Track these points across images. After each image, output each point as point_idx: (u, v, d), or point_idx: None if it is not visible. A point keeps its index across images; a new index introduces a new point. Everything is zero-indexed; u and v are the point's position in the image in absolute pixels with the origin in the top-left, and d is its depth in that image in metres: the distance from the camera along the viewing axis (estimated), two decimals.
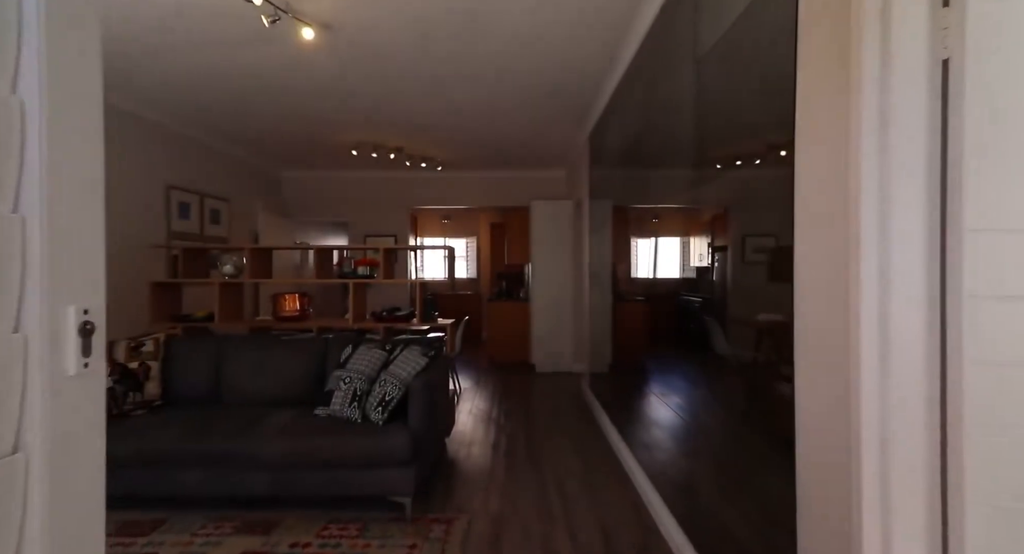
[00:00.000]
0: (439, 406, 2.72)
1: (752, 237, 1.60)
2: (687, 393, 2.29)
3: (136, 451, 2.24)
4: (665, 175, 2.57)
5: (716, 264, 1.93)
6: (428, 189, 6.31)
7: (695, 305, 2.16)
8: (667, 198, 2.66)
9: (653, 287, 2.83)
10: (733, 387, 1.77)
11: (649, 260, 2.99)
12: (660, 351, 2.74)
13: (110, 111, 3.49)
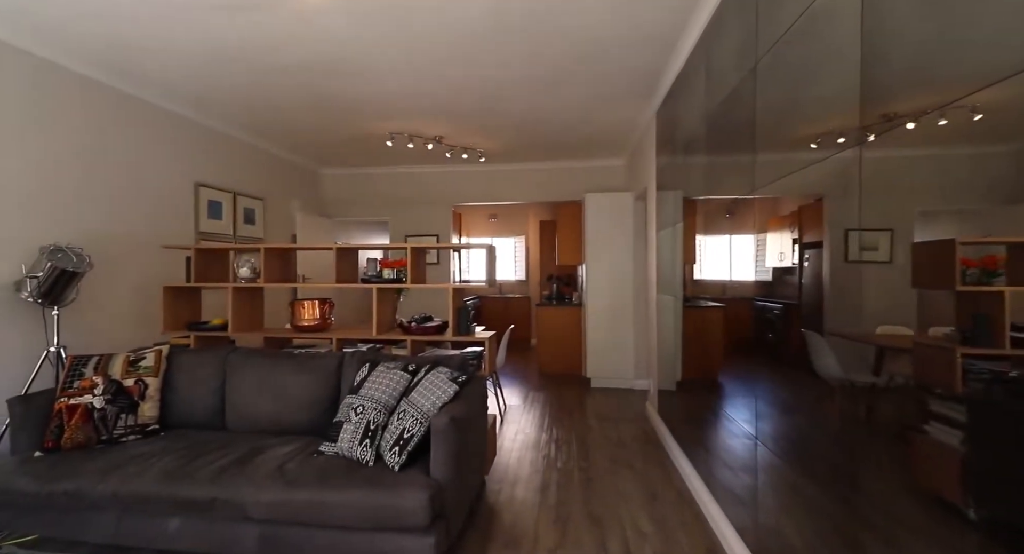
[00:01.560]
0: (471, 447, 2.17)
1: (858, 231, 1.28)
2: (780, 423, 1.77)
3: (113, 494, 1.87)
4: (743, 160, 2.00)
5: (805, 264, 1.62)
6: (471, 184, 5.82)
7: (773, 312, 1.85)
8: (743, 187, 2.05)
9: (723, 291, 2.42)
10: (849, 421, 1.37)
11: (720, 260, 2.46)
12: (738, 366, 2.25)
13: (133, 102, 3.27)
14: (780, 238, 1.83)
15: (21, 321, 2.57)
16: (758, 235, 2.05)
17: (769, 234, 1.92)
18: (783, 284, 1.79)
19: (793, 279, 1.69)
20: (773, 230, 1.89)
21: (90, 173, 2.97)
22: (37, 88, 2.69)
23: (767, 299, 1.92)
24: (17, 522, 1.95)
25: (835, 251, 1.39)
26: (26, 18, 2.39)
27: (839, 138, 1.32)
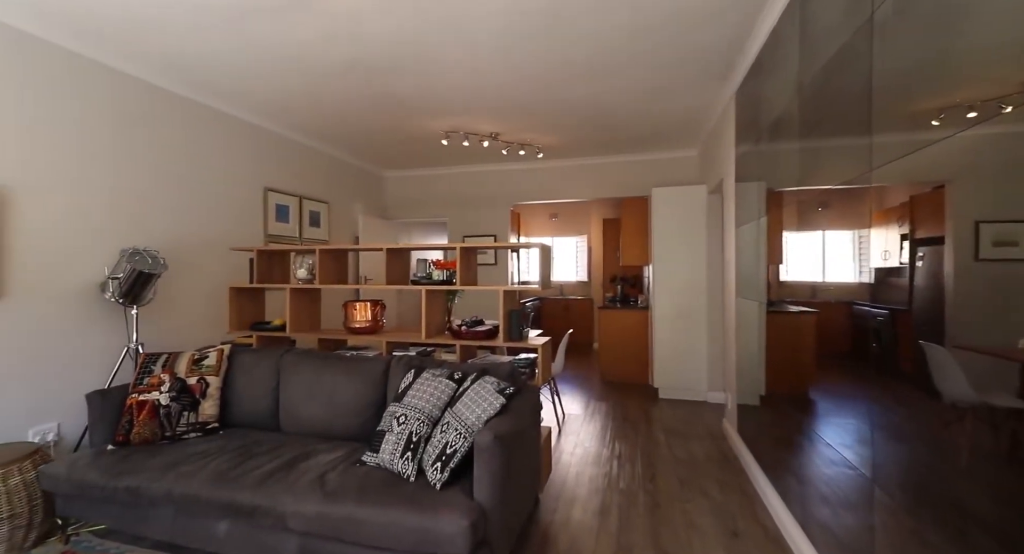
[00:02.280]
0: (521, 465, 1.98)
1: (993, 223, 1.09)
2: (891, 452, 1.44)
3: (168, 494, 1.90)
4: (847, 142, 1.68)
5: (919, 263, 1.41)
6: (529, 182, 5.63)
7: (877, 320, 1.61)
8: (845, 174, 1.72)
9: (814, 294, 2.11)
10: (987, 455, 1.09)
11: (811, 259, 2.13)
12: (833, 381, 1.91)
13: (207, 113, 3.45)
14: (885, 234, 1.57)
15: (105, 320, 2.76)
16: (858, 231, 1.77)
17: (872, 229, 1.64)
18: (889, 287, 1.58)
19: (902, 281, 1.47)
20: (877, 225, 1.61)
21: (166, 179, 3.15)
22: (121, 103, 2.89)
23: (869, 304, 1.70)
24: (90, 512, 2.05)
25: (962, 247, 1.18)
26: (117, 39, 2.56)
27: (969, 112, 1.08)
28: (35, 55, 2.45)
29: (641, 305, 5.47)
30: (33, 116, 2.45)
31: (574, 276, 8.50)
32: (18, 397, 2.38)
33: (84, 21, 2.41)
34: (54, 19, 2.38)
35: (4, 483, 1.98)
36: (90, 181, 2.69)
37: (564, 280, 8.55)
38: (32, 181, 2.44)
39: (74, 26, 2.45)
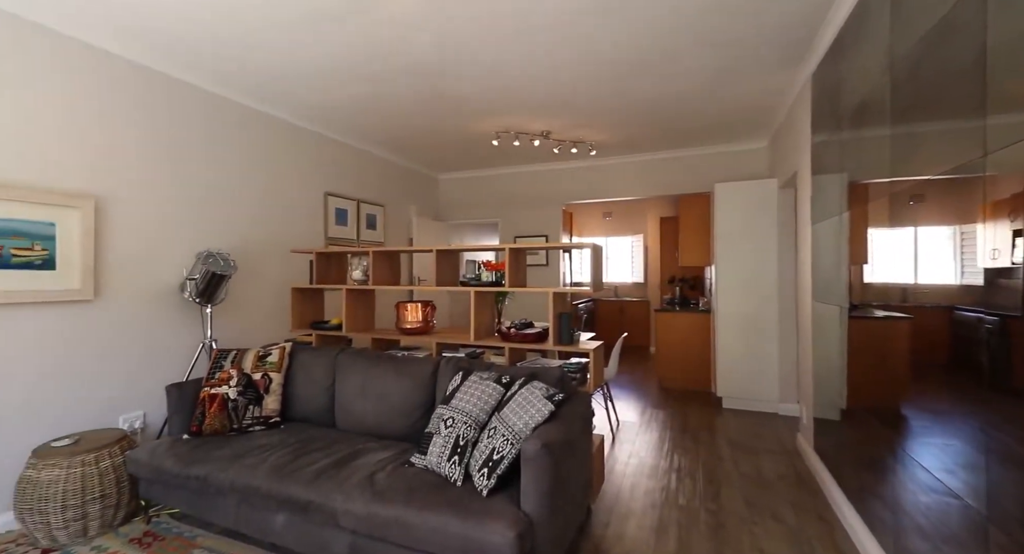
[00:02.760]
0: (571, 475, 1.88)
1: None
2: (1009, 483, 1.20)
3: (231, 484, 2.00)
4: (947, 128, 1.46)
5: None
6: (581, 181, 5.49)
7: (985, 327, 1.40)
8: (945, 163, 1.49)
9: (904, 297, 1.87)
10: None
11: (901, 259, 1.88)
12: (930, 396, 1.66)
13: (276, 124, 3.65)
14: (994, 229, 1.36)
15: (184, 317, 2.99)
16: (960, 226, 1.55)
17: (977, 224, 1.43)
18: (999, 290, 1.37)
19: (1014, 283, 1.28)
20: (983, 219, 1.40)
21: (236, 187, 3.37)
22: (209, 119, 3.12)
23: (974, 308, 1.50)
24: (167, 496, 2.20)
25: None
26: (203, 59, 2.76)
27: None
28: (140, 82, 2.70)
29: (702, 308, 5.16)
30: (134, 136, 2.69)
31: (629, 277, 8.23)
32: (111, 386, 2.63)
33: (174, 45, 2.62)
34: (159, 51, 2.61)
35: (96, 465, 2.18)
36: (172, 191, 2.93)
37: (619, 281, 8.30)
38: (124, 193, 2.69)
39: (174, 53, 2.67)
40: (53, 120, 2.39)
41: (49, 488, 2.06)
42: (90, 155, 2.54)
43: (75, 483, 2.11)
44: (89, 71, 2.54)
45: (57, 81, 2.41)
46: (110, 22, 2.41)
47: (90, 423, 2.53)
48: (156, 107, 2.85)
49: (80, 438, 2.30)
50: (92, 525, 2.16)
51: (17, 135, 2.26)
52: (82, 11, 2.30)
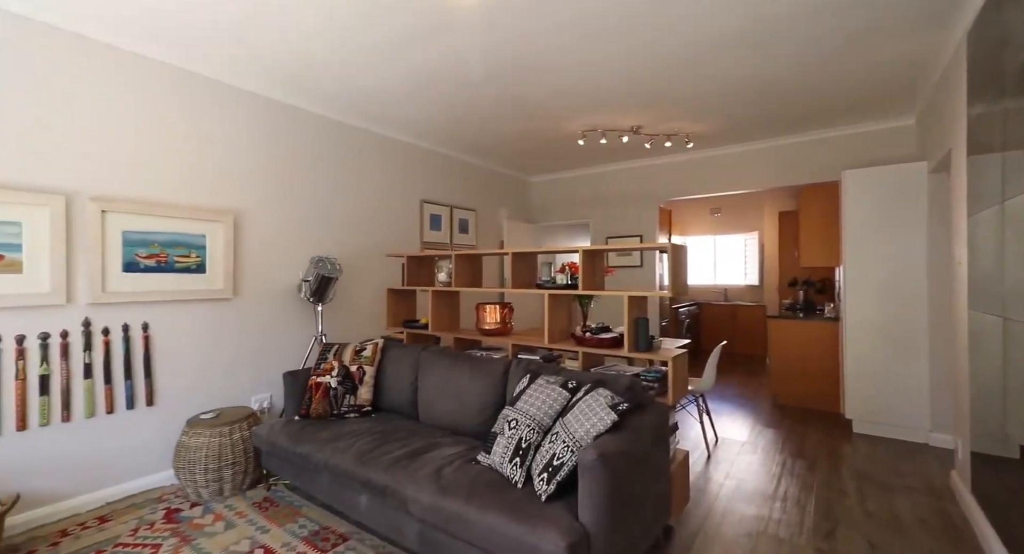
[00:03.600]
0: (639, 490, 1.76)
1: None
2: None
3: (325, 464, 2.24)
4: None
5: None
6: (679, 176, 5.12)
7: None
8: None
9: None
10: None
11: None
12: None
13: (375, 138, 4.03)
14: None
15: (301, 314, 3.43)
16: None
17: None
18: None
19: None
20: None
21: (342, 198, 3.78)
22: (316, 138, 3.57)
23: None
24: (280, 469, 2.55)
25: None
26: (306, 83, 3.18)
27: None
28: (267, 111, 3.20)
29: (828, 315, 4.47)
30: (261, 158, 3.19)
31: (742, 279, 7.46)
32: (245, 371, 3.12)
33: (293, 76, 3.04)
34: (278, 82, 3.07)
35: (230, 437, 2.61)
36: (289, 205, 3.39)
37: (729, 284, 7.58)
38: (255, 207, 3.18)
39: (291, 83, 3.12)
40: (208, 150, 2.93)
41: (196, 452, 2.52)
42: (230, 178, 3.05)
43: (214, 450, 2.54)
44: (234, 106, 3.06)
45: (214, 118, 2.95)
46: (253, 65, 2.87)
47: (229, 401, 3.04)
48: (277, 132, 3.33)
49: (220, 413, 2.77)
50: (226, 487, 2.58)
51: (180, 165, 2.81)
52: (234, 61, 2.79)
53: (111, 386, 2.55)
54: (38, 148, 2.32)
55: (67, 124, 2.40)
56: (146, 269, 2.66)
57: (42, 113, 2.33)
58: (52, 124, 2.36)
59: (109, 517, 2.39)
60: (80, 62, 2.44)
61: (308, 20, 2.39)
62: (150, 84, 2.69)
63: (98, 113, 2.50)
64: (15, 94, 2.25)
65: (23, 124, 2.27)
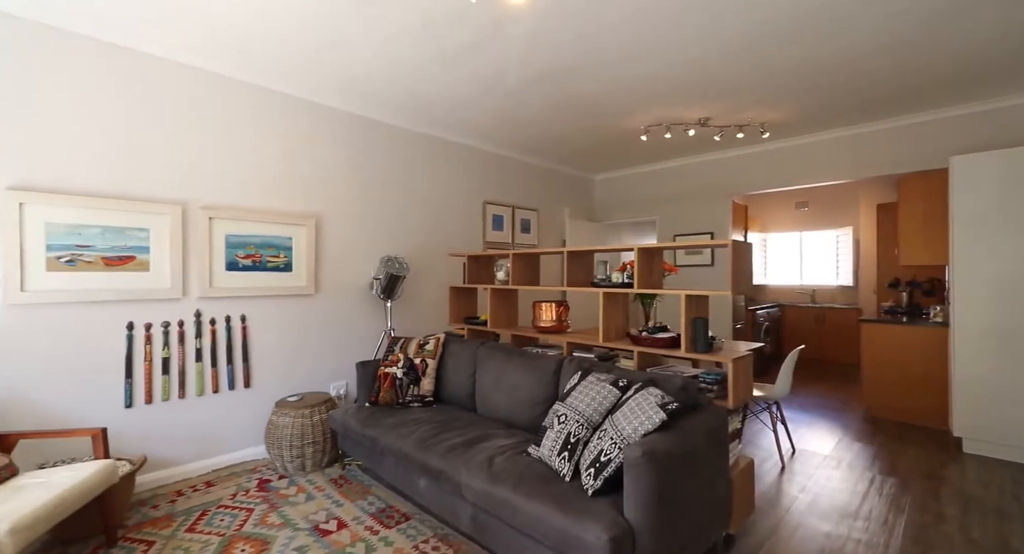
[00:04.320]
0: (691, 493, 1.71)
1: None
2: None
3: (390, 447, 2.42)
4: None
5: None
6: (754, 169, 4.79)
7: None
8: None
9: None
10: None
11: None
12: None
13: (439, 143, 4.24)
14: None
15: (373, 310, 3.71)
16: None
17: None
18: None
19: None
20: None
21: (409, 200, 4.01)
22: (384, 144, 3.83)
23: None
24: (353, 450, 2.78)
25: None
26: (391, 99, 3.44)
27: None
28: (342, 123, 3.52)
29: (934, 319, 3.96)
30: (338, 166, 3.51)
31: (833, 279, 6.80)
32: (325, 360, 3.44)
33: (368, 92, 3.31)
34: (356, 96, 3.37)
35: (311, 418, 2.89)
36: (362, 208, 3.68)
37: (817, 284, 6.95)
38: (333, 211, 3.50)
39: (366, 95, 3.40)
40: (293, 160, 3.28)
41: (283, 430, 2.83)
42: (312, 185, 3.38)
43: (298, 429, 2.84)
44: (315, 120, 3.39)
45: (299, 132, 3.29)
46: (331, 83, 3.18)
47: (311, 386, 3.37)
48: (352, 142, 3.62)
49: (303, 397, 3.08)
50: (307, 463, 2.87)
51: (271, 175, 3.17)
52: (315, 80, 3.11)
53: (216, 369, 2.94)
54: (161, 166, 2.74)
55: (183, 144, 2.82)
56: (244, 268, 3.04)
57: (166, 138, 2.75)
58: (172, 145, 2.78)
59: (213, 482, 2.77)
60: (193, 92, 2.85)
61: (376, 40, 2.60)
62: (246, 105, 3.07)
63: (205, 134, 2.91)
64: (146, 124, 2.69)
65: (152, 146, 2.71)
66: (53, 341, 2.42)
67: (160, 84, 2.73)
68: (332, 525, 2.31)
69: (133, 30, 2.51)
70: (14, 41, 2.31)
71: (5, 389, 2.30)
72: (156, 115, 2.72)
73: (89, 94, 2.51)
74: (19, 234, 2.31)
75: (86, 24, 2.44)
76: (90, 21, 2.42)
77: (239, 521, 2.34)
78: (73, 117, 2.47)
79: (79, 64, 2.48)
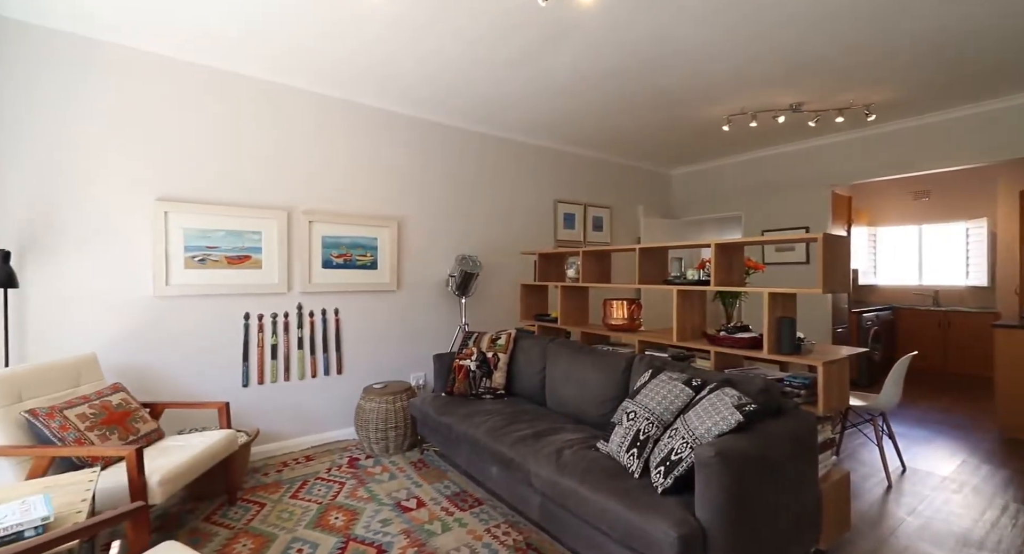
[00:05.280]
0: (769, 498, 1.62)
1: None
2: None
3: (464, 433, 2.55)
4: None
5: None
6: (856, 155, 4.31)
7: None
8: None
9: None
10: None
11: None
12: None
13: (510, 144, 4.34)
14: None
15: (448, 305, 3.90)
16: None
17: None
18: None
19: None
20: None
21: (481, 200, 4.16)
22: (455, 148, 4.01)
23: None
24: (430, 436, 2.96)
25: None
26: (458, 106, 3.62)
27: None
28: (414, 129, 3.76)
29: None
30: (417, 171, 3.75)
31: (962, 279, 5.91)
32: (406, 352, 3.69)
33: (442, 101, 3.51)
34: (429, 105, 3.58)
35: (394, 404, 3.12)
36: (440, 208, 3.89)
37: (941, 285, 6.08)
38: (413, 213, 3.74)
39: (441, 104, 3.61)
40: (377, 166, 3.56)
41: (369, 414, 3.09)
42: (395, 189, 3.65)
43: (382, 414, 3.08)
44: (395, 129, 3.65)
45: (383, 141, 3.57)
46: (404, 92, 3.41)
47: (393, 375, 3.64)
48: (429, 147, 3.84)
49: (387, 384, 3.34)
50: (390, 446, 3.11)
51: (359, 181, 3.48)
52: (388, 91, 3.36)
53: (314, 356, 3.29)
54: (270, 176, 3.13)
55: (288, 156, 3.19)
56: (336, 266, 3.36)
57: (275, 151, 3.13)
58: (279, 158, 3.16)
59: (312, 457, 3.10)
60: (294, 110, 3.21)
61: (448, 48, 2.74)
62: (338, 119, 3.39)
63: (306, 146, 3.26)
64: (256, 141, 3.08)
65: (261, 159, 3.10)
66: (188, 328, 2.87)
67: (267, 105, 3.11)
68: (412, 503, 2.49)
69: (245, 57, 2.89)
70: (150, 76, 2.77)
71: (156, 367, 2.78)
72: (265, 132, 3.11)
73: (209, 117, 2.94)
74: (165, 238, 2.76)
75: (203, 55, 2.84)
76: (206, 52, 2.81)
77: (333, 492, 2.61)
78: (198, 137, 2.90)
79: (200, 91, 2.91)
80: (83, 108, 2.57)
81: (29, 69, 2.44)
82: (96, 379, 2.40)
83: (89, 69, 2.58)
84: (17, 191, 2.41)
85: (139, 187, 2.72)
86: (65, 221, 2.53)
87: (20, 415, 1.97)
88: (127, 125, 2.68)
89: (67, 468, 1.95)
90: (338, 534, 2.20)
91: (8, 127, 2.39)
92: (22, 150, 2.42)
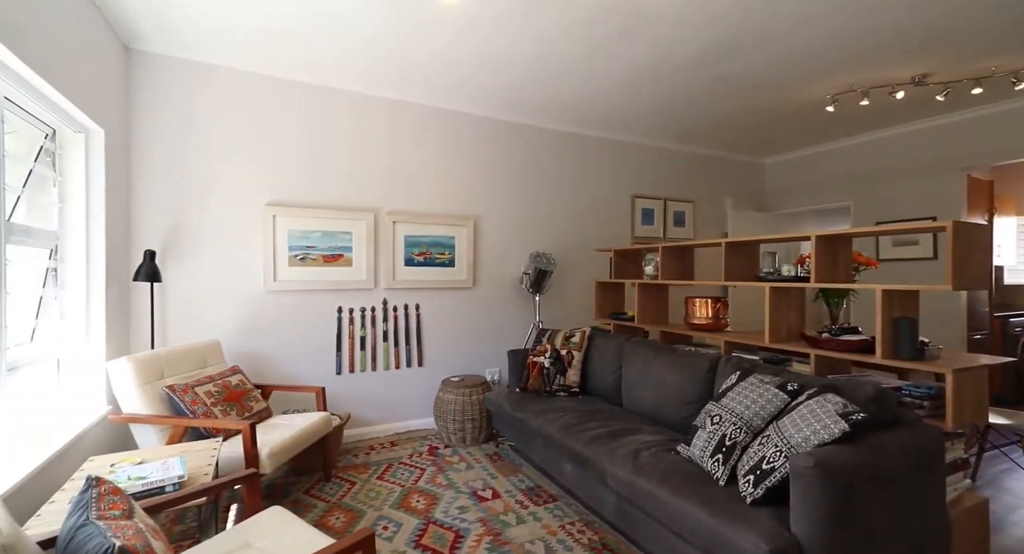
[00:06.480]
0: (882, 517, 1.42)
1: None
2: None
3: (537, 430, 2.55)
4: None
5: None
6: (1006, 132, 3.64)
7: None
8: None
9: None
10: None
11: None
12: None
13: (584, 140, 4.27)
14: None
15: (523, 303, 3.93)
16: None
17: None
18: None
19: None
20: None
21: (556, 198, 4.13)
22: (535, 146, 4.03)
23: None
24: (505, 430, 3.01)
25: None
26: (514, 101, 3.65)
27: None
28: (488, 130, 3.84)
29: None
30: (492, 171, 3.83)
31: None
32: (481, 347, 3.78)
33: (519, 101, 3.56)
34: (506, 106, 3.65)
35: (470, 398, 3.22)
36: (515, 207, 3.93)
37: None
38: (488, 212, 3.82)
39: (516, 104, 3.66)
40: (455, 167, 3.69)
41: (447, 406, 3.21)
42: (471, 189, 3.76)
43: (460, 406, 3.19)
44: (471, 129, 3.76)
45: (461, 142, 3.70)
46: (481, 95, 3.50)
47: (470, 370, 3.74)
48: (503, 147, 3.90)
49: (464, 378, 3.44)
50: (467, 437, 3.20)
51: (438, 182, 3.63)
52: (469, 95, 3.46)
53: (398, 349, 3.49)
54: (359, 182, 3.37)
55: (375, 161, 3.42)
56: (417, 264, 3.54)
57: (365, 157, 3.38)
58: (368, 163, 3.39)
59: (396, 443, 3.29)
60: (381, 118, 3.43)
61: (524, 50, 2.76)
62: (420, 124, 3.56)
63: (394, 151, 3.47)
64: (348, 146, 3.34)
65: (351, 163, 3.35)
66: (291, 320, 3.19)
67: (360, 114, 3.36)
68: (488, 493, 2.54)
69: (343, 74, 3.14)
70: (263, 94, 3.11)
71: (264, 354, 3.12)
72: (356, 139, 3.36)
73: (309, 128, 3.23)
74: (273, 238, 3.10)
75: (303, 74, 3.13)
76: (306, 71, 3.10)
77: (414, 477, 2.75)
78: (297, 146, 3.20)
79: (298, 105, 3.21)
80: (207, 125, 2.96)
81: (166, 93, 2.86)
82: (219, 362, 2.74)
83: (212, 92, 2.97)
84: (160, 200, 2.84)
85: (253, 193, 3.07)
86: (195, 225, 2.93)
87: (162, 390, 2.32)
88: (243, 138, 3.05)
89: (195, 438, 2.25)
90: (419, 516, 2.31)
91: (155, 147, 2.83)
92: (162, 165, 2.85)
